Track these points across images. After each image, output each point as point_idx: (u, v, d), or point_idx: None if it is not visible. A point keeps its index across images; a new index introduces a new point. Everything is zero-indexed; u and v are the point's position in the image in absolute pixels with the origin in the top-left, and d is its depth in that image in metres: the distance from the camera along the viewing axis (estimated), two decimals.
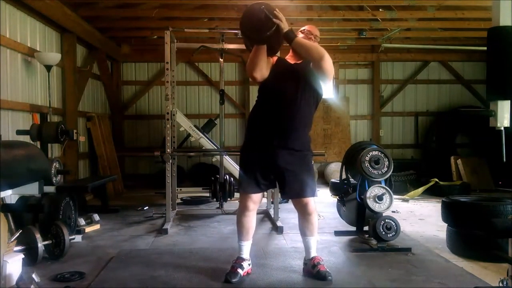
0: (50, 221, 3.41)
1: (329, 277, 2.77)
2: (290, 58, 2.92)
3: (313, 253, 2.91)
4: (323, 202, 6.12)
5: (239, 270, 2.81)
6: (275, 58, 2.91)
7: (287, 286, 2.76)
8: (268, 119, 2.79)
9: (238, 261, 2.87)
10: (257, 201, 2.87)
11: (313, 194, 2.84)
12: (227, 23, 6.58)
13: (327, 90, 2.90)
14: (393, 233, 3.50)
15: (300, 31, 2.93)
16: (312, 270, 2.85)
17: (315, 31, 2.95)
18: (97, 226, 4.41)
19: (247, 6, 2.72)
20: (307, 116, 2.85)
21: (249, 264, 2.92)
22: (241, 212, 2.89)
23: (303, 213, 2.86)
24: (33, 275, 2.45)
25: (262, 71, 2.73)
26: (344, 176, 4.27)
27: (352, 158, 3.98)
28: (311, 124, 2.93)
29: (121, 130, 7.99)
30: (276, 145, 2.75)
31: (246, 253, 2.91)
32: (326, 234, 4.13)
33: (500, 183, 7.05)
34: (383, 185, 3.65)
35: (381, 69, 8.48)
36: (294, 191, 2.82)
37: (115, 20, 6.70)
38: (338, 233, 4.08)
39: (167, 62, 4.50)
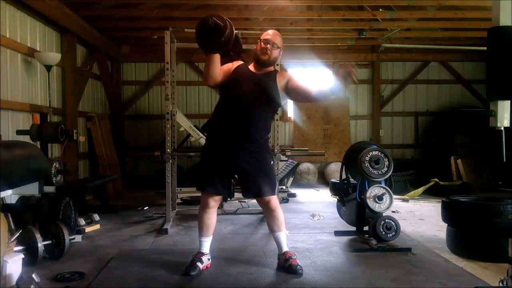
0: (50, 221, 3.41)
1: (300, 271, 2.89)
2: (252, 66, 3.05)
3: (285, 248, 3.05)
4: (323, 202, 6.13)
5: (199, 264, 2.94)
6: (235, 64, 3.02)
7: (287, 285, 2.75)
8: (228, 123, 2.93)
9: (198, 255, 3.00)
10: (217, 199, 3.02)
11: (273, 193, 2.98)
12: None
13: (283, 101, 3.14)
14: (393, 233, 3.51)
15: (262, 39, 2.98)
16: (284, 264, 2.98)
17: (274, 38, 2.98)
18: (97, 226, 4.41)
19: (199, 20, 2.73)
20: (264, 121, 3.00)
21: (208, 259, 3.06)
22: (202, 209, 3.02)
23: (267, 210, 3.01)
24: (33, 275, 2.44)
25: (214, 78, 2.86)
26: (344, 176, 4.27)
27: (352, 158, 3.98)
28: (269, 128, 3.09)
29: (121, 130, 7.98)
30: (236, 147, 2.90)
31: (206, 248, 3.06)
32: (326, 234, 4.13)
33: (500, 183, 7.05)
34: (383, 185, 3.65)
35: (381, 69, 8.48)
36: (254, 190, 2.95)
37: (115, 20, 6.70)
38: (338, 233, 4.08)
39: (167, 62, 4.50)
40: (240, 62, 3.06)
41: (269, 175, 3.01)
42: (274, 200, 2.98)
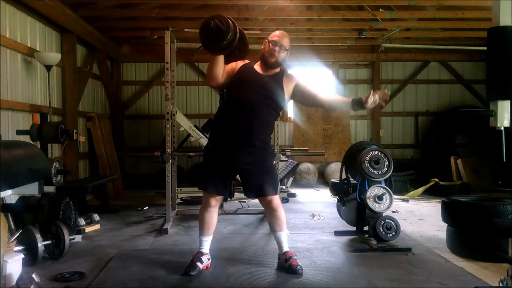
0: (50, 221, 3.41)
1: (300, 271, 2.89)
2: (258, 67, 3.02)
3: (285, 248, 3.05)
4: (323, 202, 6.13)
5: (198, 264, 2.94)
6: (239, 64, 2.99)
7: (287, 285, 2.75)
8: (229, 123, 2.91)
9: (198, 255, 2.99)
10: (219, 199, 3.03)
11: (275, 192, 2.97)
12: None
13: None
14: (393, 233, 3.50)
15: (270, 41, 2.93)
16: (285, 264, 2.98)
17: (282, 40, 2.93)
18: (97, 226, 4.41)
19: (203, 20, 2.70)
20: (266, 123, 2.99)
21: (208, 259, 3.06)
22: (204, 208, 3.02)
23: (269, 209, 3.01)
24: (33, 275, 2.44)
25: (216, 79, 2.86)
26: (344, 176, 4.27)
27: (352, 158, 3.98)
28: (271, 129, 3.10)
29: (121, 130, 7.98)
30: (238, 147, 2.89)
31: (206, 248, 3.06)
32: (326, 234, 4.13)
33: (500, 183, 7.05)
34: (383, 185, 3.64)
35: (381, 69, 8.48)
36: (256, 190, 2.95)
37: (115, 20, 6.70)
38: (338, 233, 4.08)
39: (167, 62, 4.50)
40: (246, 61, 3.03)
41: (271, 174, 3.00)
42: (276, 199, 2.98)
